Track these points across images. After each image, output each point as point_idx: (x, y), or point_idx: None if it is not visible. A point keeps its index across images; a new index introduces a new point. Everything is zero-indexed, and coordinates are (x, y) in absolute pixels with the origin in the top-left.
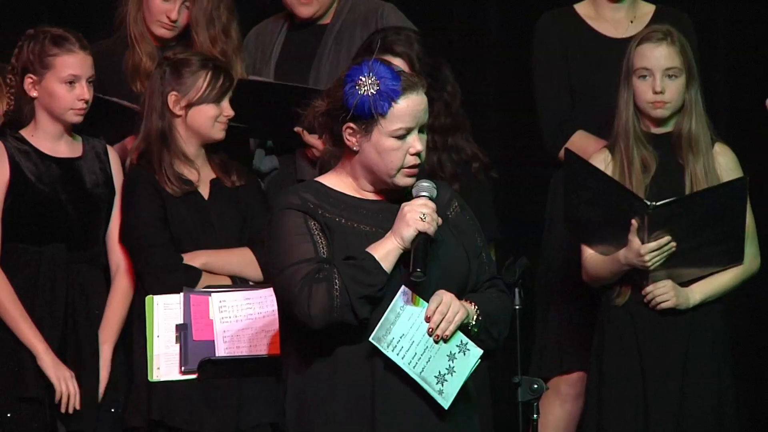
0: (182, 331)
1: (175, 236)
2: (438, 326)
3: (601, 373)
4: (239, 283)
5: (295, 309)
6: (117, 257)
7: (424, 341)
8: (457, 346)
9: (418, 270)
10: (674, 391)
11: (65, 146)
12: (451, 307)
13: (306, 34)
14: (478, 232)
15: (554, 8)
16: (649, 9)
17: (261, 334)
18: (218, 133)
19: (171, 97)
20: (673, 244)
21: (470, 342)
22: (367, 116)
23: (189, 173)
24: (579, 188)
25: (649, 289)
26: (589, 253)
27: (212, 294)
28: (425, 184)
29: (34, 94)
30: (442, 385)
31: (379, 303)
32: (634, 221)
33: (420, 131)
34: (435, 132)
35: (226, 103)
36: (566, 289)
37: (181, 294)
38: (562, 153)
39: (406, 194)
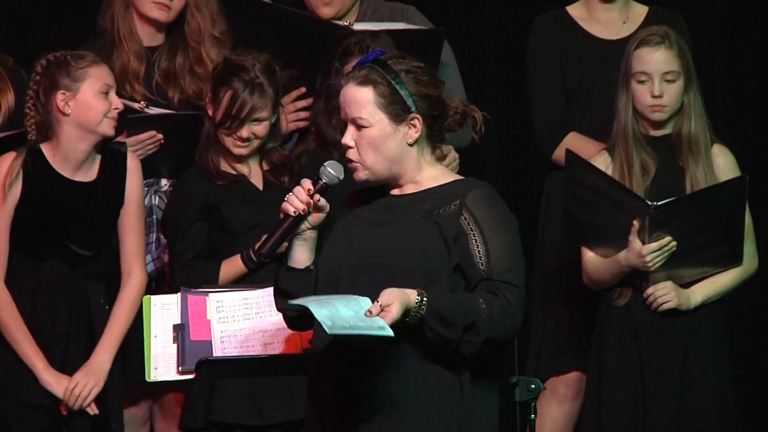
0: (179, 331)
1: (231, 221)
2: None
3: (600, 373)
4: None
5: None
6: (128, 266)
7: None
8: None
9: (261, 251)
10: (674, 391)
11: (84, 167)
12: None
13: None
14: (476, 233)
15: (549, 11)
16: (643, 10)
17: (258, 334)
18: (235, 149)
19: (208, 101)
20: (674, 243)
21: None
22: None
23: (240, 167)
24: (579, 189)
25: (650, 290)
26: (589, 256)
27: (209, 294)
28: (328, 168)
29: (68, 110)
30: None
31: (289, 296)
32: (635, 222)
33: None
34: None
35: (245, 130)
36: (563, 289)
37: (179, 294)
38: (554, 154)
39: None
